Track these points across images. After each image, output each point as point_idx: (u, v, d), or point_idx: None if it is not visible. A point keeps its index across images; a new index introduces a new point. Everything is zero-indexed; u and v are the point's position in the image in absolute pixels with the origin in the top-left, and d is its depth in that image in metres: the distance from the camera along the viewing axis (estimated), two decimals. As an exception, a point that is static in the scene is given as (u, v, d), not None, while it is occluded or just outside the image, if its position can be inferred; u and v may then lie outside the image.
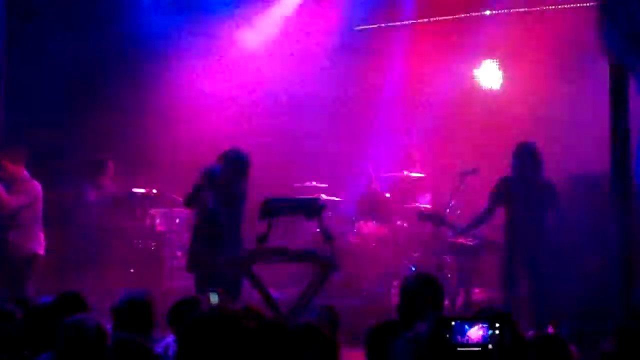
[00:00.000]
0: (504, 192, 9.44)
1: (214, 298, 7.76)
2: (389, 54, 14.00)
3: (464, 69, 13.47)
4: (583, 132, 10.80)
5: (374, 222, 11.89)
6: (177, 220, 12.19)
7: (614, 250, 7.07)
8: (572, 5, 12.35)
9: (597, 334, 5.29)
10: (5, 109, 11.63)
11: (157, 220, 12.04)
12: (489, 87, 13.30)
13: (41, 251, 9.62)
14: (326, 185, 12.71)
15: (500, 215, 9.64)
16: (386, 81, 13.99)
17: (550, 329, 8.39)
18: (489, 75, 13.31)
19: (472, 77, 13.44)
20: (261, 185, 9.76)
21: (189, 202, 9.46)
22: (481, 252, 10.26)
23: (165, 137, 12.72)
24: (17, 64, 11.63)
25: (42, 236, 9.65)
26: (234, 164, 9.28)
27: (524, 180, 9.29)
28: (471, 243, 10.15)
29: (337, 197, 12.70)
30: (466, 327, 4.09)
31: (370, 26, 14.30)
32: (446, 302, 7.84)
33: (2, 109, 11.33)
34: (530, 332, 5.25)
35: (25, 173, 9.55)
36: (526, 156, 9.30)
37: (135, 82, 12.82)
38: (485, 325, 4.08)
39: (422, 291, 5.40)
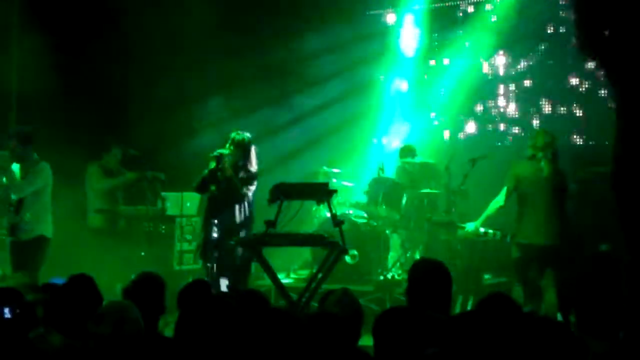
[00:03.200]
0: (519, 177, 9.38)
1: (225, 283, 7.81)
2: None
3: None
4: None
5: (385, 207, 11.87)
6: (188, 204, 12.18)
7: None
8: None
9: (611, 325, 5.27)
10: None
11: (168, 204, 12.03)
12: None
13: (50, 234, 9.62)
14: (338, 170, 12.71)
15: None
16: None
17: (558, 317, 8.42)
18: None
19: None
20: (271, 169, 9.77)
21: (201, 187, 9.48)
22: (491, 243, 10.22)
23: (172, 121, 12.74)
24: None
25: (50, 219, 9.65)
26: (242, 147, 9.31)
27: (538, 166, 9.26)
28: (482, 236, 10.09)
29: (348, 182, 12.71)
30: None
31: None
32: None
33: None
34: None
35: (35, 155, 9.55)
36: (541, 144, 9.29)
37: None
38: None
39: (431, 278, 5.40)
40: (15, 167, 9.46)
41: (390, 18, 14.29)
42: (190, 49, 12.86)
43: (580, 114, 12.63)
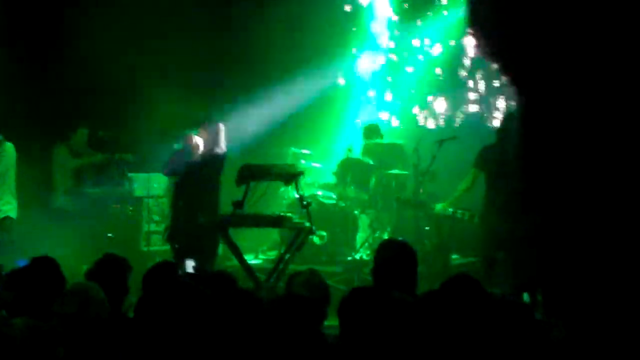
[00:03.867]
0: (486, 159, 9.42)
1: (190, 264, 7.80)
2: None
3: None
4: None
5: (354, 187, 11.87)
6: (155, 185, 12.13)
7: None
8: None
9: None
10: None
11: (135, 185, 11.97)
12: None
13: (14, 215, 9.54)
14: (307, 151, 12.69)
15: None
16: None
17: (525, 297, 8.46)
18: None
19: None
20: (239, 150, 9.75)
21: (168, 168, 9.43)
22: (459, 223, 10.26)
23: (139, 101, 12.67)
24: None
25: (15, 200, 9.57)
26: (210, 128, 9.27)
27: (504, 147, 9.29)
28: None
29: (317, 163, 12.70)
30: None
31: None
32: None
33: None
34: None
35: (0, 136, 9.47)
36: (507, 124, 9.33)
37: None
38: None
39: (396, 257, 5.40)
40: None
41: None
42: (153, 27, 12.72)
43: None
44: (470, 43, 13.41)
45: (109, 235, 11.39)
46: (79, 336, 4.75)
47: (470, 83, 13.51)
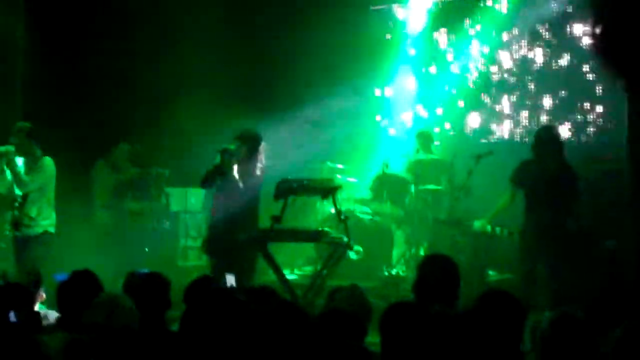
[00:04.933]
0: (525, 175, 9.37)
1: (230, 279, 7.78)
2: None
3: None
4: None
5: (390, 203, 11.86)
6: (192, 200, 12.19)
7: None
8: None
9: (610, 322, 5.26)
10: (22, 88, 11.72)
11: (172, 200, 12.05)
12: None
13: (53, 230, 9.60)
14: (342, 166, 12.69)
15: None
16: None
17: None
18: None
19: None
20: (275, 165, 9.75)
21: (206, 182, 9.42)
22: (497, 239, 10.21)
23: (177, 117, 12.76)
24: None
25: (54, 215, 9.62)
26: (250, 143, 9.26)
27: (543, 165, 9.25)
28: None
29: (353, 177, 12.70)
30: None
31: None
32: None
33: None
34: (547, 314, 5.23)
35: (39, 151, 9.52)
36: (546, 140, 9.28)
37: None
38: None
39: (439, 272, 5.39)
40: (20, 162, 9.43)
41: (400, 13, 14.25)
42: (196, 49, 12.80)
43: (589, 109, 12.59)
44: (504, 58, 13.39)
45: (146, 249, 11.47)
46: (108, 346, 4.76)
47: (505, 98, 13.45)
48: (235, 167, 9.13)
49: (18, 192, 9.41)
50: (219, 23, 12.90)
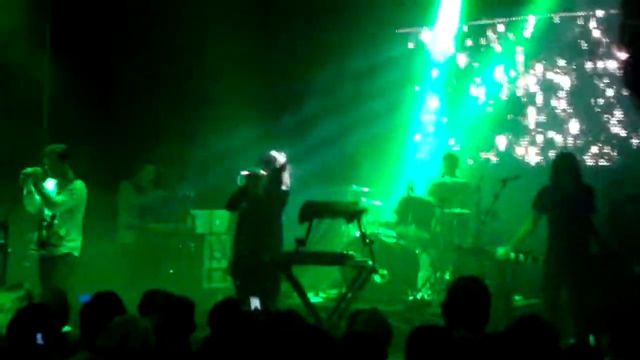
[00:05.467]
0: (546, 201, 9.34)
1: (255, 302, 7.78)
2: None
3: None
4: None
5: (415, 226, 11.82)
6: (218, 222, 12.20)
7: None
8: None
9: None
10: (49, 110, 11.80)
11: (198, 222, 12.06)
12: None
13: (78, 253, 9.60)
14: (367, 189, 12.67)
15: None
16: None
17: (590, 340, 8.32)
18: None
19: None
20: (300, 188, 9.75)
21: (232, 205, 9.42)
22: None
23: (203, 140, 12.79)
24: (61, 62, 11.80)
25: (80, 238, 9.63)
26: (274, 166, 9.26)
27: (562, 189, 9.23)
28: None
29: (378, 201, 12.67)
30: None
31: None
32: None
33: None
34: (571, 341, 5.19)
35: (71, 173, 9.55)
36: (563, 168, 9.30)
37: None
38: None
39: (469, 295, 5.34)
40: (53, 183, 9.46)
41: (426, 36, 14.28)
42: (222, 71, 12.83)
43: (614, 133, 12.54)
44: (530, 82, 13.38)
45: (171, 271, 11.47)
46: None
47: (532, 121, 13.42)
48: (260, 190, 9.13)
49: (48, 212, 9.44)
50: (244, 41, 12.93)
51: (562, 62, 13.15)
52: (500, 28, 13.70)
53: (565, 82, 13.10)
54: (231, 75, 12.70)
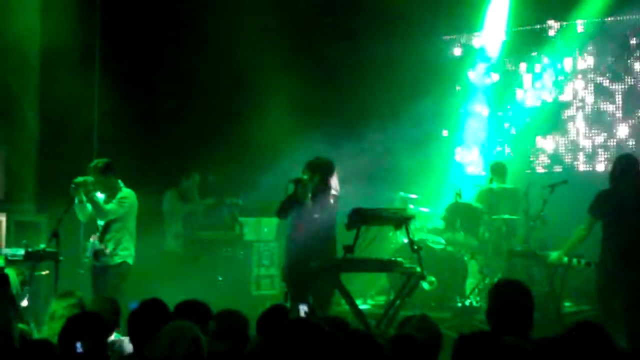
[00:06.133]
0: (604, 206, 9.17)
1: (303, 309, 7.78)
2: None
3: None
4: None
5: (463, 233, 11.78)
6: (266, 229, 12.24)
7: None
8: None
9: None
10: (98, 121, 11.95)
11: (246, 229, 12.11)
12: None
13: (132, 261, 9.68)
14: (415, 196, 12.64)
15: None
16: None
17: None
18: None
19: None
20: (349, 195, 9.73)
21: (282, 212, 9.40)
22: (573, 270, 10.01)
23: (251, 147, 12.85)
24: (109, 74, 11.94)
25: (133, 246, 9.70)
26: (322, 172, 9.24)
27: (622, 194, 9.06)
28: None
29: (425, 207, 12.64)
30: None
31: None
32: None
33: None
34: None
35: (120, 183, 9.63)
36: (625, 168, 9.09)
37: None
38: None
39: (513, 300, 5.30)
40: (101, 195, 9.56)
41: (474, 42, 14.26)
42: (268, 80, 12.86)
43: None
44: (579, 87, 13.30)
45: (220, 279, 11.52)
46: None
47: (581, 126, 13.34)
48: (310, 197, 9.11)
49: (100, 222, 9.54)
50: (290, 52, 12.98)
51: (610, 65, 13.06)
52: (550, 33, 13.64)
53: (614, 86, 13.00)
54: (278, 83, 12.75)
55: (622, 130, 12.91)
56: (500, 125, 14.06)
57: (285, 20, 13.00)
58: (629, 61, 12.93)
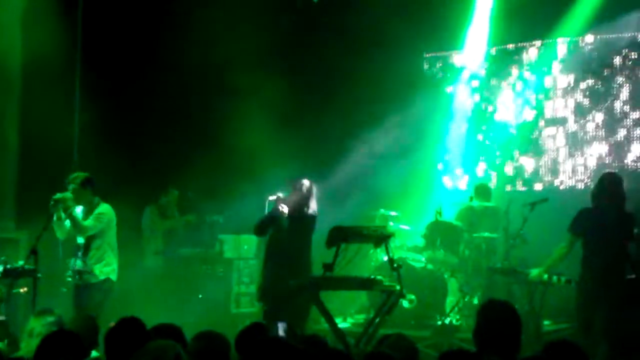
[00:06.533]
0: (585, 224, 9.18)
1: (282, 327, 7.78)
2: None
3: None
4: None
5: (443, 251, 11.79)
6: (246, 247, 12.22)
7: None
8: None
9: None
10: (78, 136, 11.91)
11: (226, 246, 12.08)
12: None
13: (115, 277, 9.62)
14: (395, 213, 12.65)
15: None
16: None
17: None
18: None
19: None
20: (329, 212, 9.74)
21: (260, 230, 9.40)
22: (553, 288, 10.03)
23: (230, 164, 12.83)
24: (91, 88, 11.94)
25: (116, 261, 9.64)
26: (301, 191, 9.26)
27: (603, 213, 9.07)
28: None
29: (406, 225, 12.65)
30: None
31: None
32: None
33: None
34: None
35: (97, 199, 9.58)
36: (608, 187, 9.12)
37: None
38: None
39: (500, 320, 5.30)
40: (79, 210, 9.50)
41: (455, 59, 14.35)
42: (248, 99, 12.86)
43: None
44: (559, 105, 13.38)
45: (199, 296, 11.48)
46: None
47: (561, 144, 13.41)
48: (287, 214, 9.13)
49: (80, 240, 9.47)
50: (272, 69, 12.96)
51: (590, 84, 13.15)
52: (531, 52, 13.73)
53: (595, 104, 13.09)
54: (258, 102, 12.75)
55: (602, 149, 12.97)
56: (480, 142, 14.11)
57: (268, 43, 12.99)
58: (609, 80, 13.00)
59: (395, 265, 8.89)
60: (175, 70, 12.84)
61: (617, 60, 12.94)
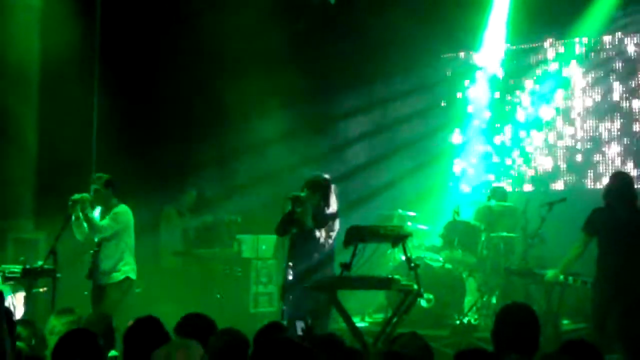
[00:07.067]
0: (598, 224, 9.15)
1: (300, 326, 7.76)
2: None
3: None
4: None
5: (461, 250, 11.77)
6: (264, 247, 12.23)
7: None
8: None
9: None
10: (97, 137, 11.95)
11: (244, 246, 12.10)
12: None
13: (134, 276, 9.65)
14: (413, 213, 12.64)
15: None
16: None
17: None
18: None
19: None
20: (346, 212, 9.72)
21: (282, 230, 9.36)
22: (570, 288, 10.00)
23: (249, 164, 12.84)
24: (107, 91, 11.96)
25: (133, 261, 9.67)
26: (321, 190, 9.22)
27: (615, 212, 9.04)
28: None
29: (424, 225, 12.64)
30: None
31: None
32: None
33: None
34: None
35: (115, 200, 9.62)
36: (619, 186, 9.08)
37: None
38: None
39: (518, 323, 5.29)
40: (97, 211, 9.54)
41: (472, 59, 14.33)
42: (263, 98, 12.86)
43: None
44: (577, 105, 13.34)
45: (218, 296, 11.50)
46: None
47: (581, 143, 13.38)
48: (303, 214, 9.08)
49: (99, 240, 9.50)
50: (282, 67, 12.96)
51: (609, 83, 13.11)
52: (549, 51, 13.70)
53: (612, 104, 13.05)
54: (276, 103, 12.77)
55: (621, 149, 12.93)
56: (499, 141, 14.08)
57: (276, 40, 12.99)
58: (628, 79, 12.94)
59: (412, 264, 8.87)
60: (192, 70, 12.86)
61: (637, 60, 12.89)
